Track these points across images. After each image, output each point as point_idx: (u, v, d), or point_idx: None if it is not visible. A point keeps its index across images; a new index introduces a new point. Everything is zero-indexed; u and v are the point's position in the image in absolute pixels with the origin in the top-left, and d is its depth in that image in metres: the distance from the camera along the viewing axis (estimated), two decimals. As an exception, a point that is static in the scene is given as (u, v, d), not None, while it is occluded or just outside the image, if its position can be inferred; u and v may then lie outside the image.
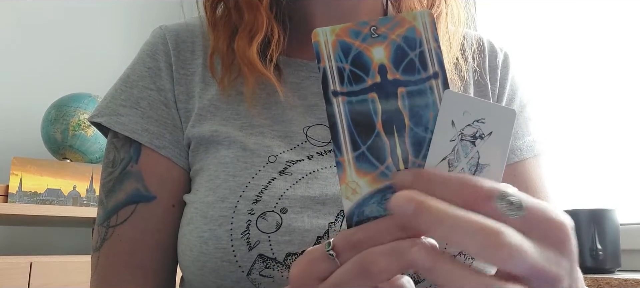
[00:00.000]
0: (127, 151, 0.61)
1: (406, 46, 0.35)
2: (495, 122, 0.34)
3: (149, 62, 0.63)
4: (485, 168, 0.35)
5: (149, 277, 0.60)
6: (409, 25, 0.35)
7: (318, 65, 0.36)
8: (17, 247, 1.99)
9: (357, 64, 0.35)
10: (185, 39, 0.65)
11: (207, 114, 0.60)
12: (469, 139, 0.35)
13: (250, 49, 0.58)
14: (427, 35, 0.35)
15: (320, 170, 0.56)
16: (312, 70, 0.63)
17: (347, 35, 0.36)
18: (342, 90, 0.35)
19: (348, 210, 0.36)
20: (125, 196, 0.60)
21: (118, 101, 0.62)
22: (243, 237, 0.52)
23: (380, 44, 0.35)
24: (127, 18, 2.38)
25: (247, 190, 0.54)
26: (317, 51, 0.36)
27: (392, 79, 0.35)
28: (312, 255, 0.36)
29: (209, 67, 0.62)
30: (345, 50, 0.36)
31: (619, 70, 1.54)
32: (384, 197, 0.35)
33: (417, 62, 0.35)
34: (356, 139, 0.35)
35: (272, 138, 0.58)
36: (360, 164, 0.35)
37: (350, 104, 0.35)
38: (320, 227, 0.53)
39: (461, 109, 0.34)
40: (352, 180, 0.35)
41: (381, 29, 0.36)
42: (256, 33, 0.59)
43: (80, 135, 1.85)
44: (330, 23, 0.64)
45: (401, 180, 0.34)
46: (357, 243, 0.34)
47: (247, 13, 0.60)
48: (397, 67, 0.35)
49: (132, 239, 0.59)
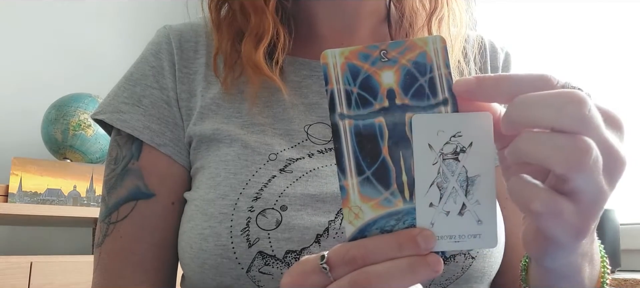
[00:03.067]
0: (128, 148, 0.61)
1: (416, 71, 0.35)
2: (472, 131, 0.34)
3: (152, 61, 0.64)
4: (477, 179, 0.35)
5: (149, 273, 0.60)
6: (420, 50, 0.35)
7: (325, 88, 0.35)
8: (17, 247, 1.99)
9: (365, 88, 0.35)
10: (189, 38, 0.65)
11: (209, 113, 0.61)
12: (451, 157, 0.34)
13: (257, 53, 0.59)
14: (438, 61, 0.35)
15: (320, 168, 0.56)
16: (313, 69, 0.64)
17: (357, 58, 0.35)
18: (349, 114, 0.35)
19: (350, 235, 0.35)
20: (125, 193, 0.60)
21: (121, 99, 0.63)
22: (243, 234, 0.52)
23: (390, 68, 0.35)
24: (128, 18, 2.39)
25: (247, 188, 0.54)
26: (325, 73, 0.35)
27: (400, 104, 0.35)
28: (304, 267, 0.36)
29: (212, 67, 0.62)
30: (354, 73, 0.35)
31: (619, 70, 1.54)
32: (387, 223, 0.35)
33: (426, 87, 0.35)
34: (361, 164, 0.35)
35: (273, 136, 0.58)
36: (364, 189, 0.35)
37: (356, 127, 0.35)
38: (320, 224, 0.53)
39: (434, 130, 0.34)
40: (355, 205, 0.35)
41: (391, 53, 0.35)
42: (262, 37, 0.59)
43: (80, 135, 1.85)
44: (334, 23, 0.65)
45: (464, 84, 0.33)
46: (351, 260, 0.34)
47: (254, 17, 0.60)
48: (406, 92, 0.35)
49: (132, 236, 0.60)
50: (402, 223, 0.35)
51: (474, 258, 0.54)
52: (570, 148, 0.29)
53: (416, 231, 0.35)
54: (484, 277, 0.56)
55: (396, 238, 0.34)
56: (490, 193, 0.35)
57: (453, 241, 0.35)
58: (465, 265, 0.54)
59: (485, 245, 0.36)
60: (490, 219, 0.35)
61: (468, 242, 0.35)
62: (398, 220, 0.35)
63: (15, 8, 2.15)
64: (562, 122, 0.30)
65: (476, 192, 0.35)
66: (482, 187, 0.35)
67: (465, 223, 0.35)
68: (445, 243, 0.35)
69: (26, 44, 2.16)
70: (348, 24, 0.65)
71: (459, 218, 0.35)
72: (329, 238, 0.53)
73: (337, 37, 0.64)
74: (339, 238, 0.53)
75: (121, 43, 2.33)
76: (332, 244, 0.52)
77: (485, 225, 0.35)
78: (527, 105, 0.31)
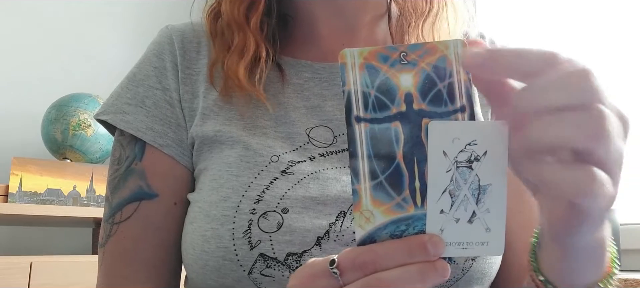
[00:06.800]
0: (132, 149, 0.61)
1: (435, 76, 0.34)
2: (487, 140, 0.34)
3: (155, 62, 0.64)
4: (488, 188, 0.34)
5: (152, 274, 0.60)
6: (441, 54, 0.34)
7: (343, 88, 0.35)
8: (17, 247, 1.99)
9: (383, 91, 0.34)
10: (191, 39, 0.65)
11: (211, 114, 0.61)
12: (465, 165, 0.34)
13: (239, 69, 0.59)
14: (458, 66, 0.34)
15: (321, 171, 0.56)
16: (315, 72, 0.64)
17: (376, 59, 0.35)
18: (365, 116, 0.35)
19: (359, 239, 0.35)
20: (128, 193, 0.60)
21: (124, 99, 0.63)
22: (244, 237, 0.52)
23: (409, 71, 0.35)
24: (128, 18, 2.38)
25: (249, 190, 0.54)
26: (342, 73, 0.35)
27: (417, 109, 0.34)
28: (314, 270, 0.36)
29: (209, 77, 0.62)
30: (373, 74, 0.35)
31: (619, 69, 1.54)
32: (397, 228, 0.35)
33: (444, 93, 0.34)
34: (375, 168, 0.34)
35: (275, 139, 0.58)
36: (376, 194, 0.35)
37: (372, 131, 0.34)
38: (321, 227, 0.53)
39: (450, 137, 0.34)
40: (367, 209, 0.35)
41: (411, 55, 0.35)
42: (245, 54, 0.60)
43: (80, 135, 1.85)
44: (334, 22, 0.65)
45: None
46: (362, 265, 0.34)
47: (237, 35, 0.61)
48: (424, 97, 0.34)
49: (135, 236, 0.60)
50: (412, 229, 0.35)
51: (474, 260, 0.54)
52: (588, 120, 0.30)
53: (426, 237, 0.35)
54: (484, 278, 0.56)
55: (406, 244, 0.34)
56: (500, 202, 0.35)
57: (461, 248, 0.35)
58: (465, 266, 0.54)
59: (492, 252, 0.36)
60: (499, 227, 0.35)
61: (476, 249, 0.36)
62: (408, 226, 0.35)
63: (15, 8, 2.14)
64: (577, 98, 0.30)
65: (487, 200, 0.35)
66: (493, 196, 0.34)
67: (474, 230, 0.35)
68: (453, 250, 0.35)
69: (26, 44, 2.15)
70: (348, 23, 0.64)
71: (468, 226, 0.35)
72: (330, 241, 0.53)
73: (337, 37, 0.64)
74: (339, 240, 0.53)
75: (121, 43, 2.33)
76: (332, 246, 0.53)
77: (493, 233, 0.35)
78: (543, 88, 0.31)
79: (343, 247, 0.53)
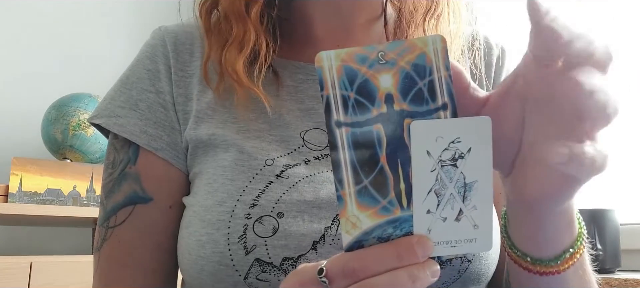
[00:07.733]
0: (126, 152, 0.61)
1: (415, 74, 0.34)
2: (471, 137, 0.33)
3: (148, 64, 0.63)
4: (474, 185, 0.34)
5: (148, 277, 0.60)
6: (420, 51, 0.34)
7: (321, 93, 0.34)
8: (17, 247, 1.99)
9: (363, 93, 0.34)
10: (184, 40, 0.65)
11: (205, 117, 0.60)
12: (450, 163, 0.34)
13: (237, 63, 0.58)
14: (438, 62, 0.34)
15: (316, 174, 0.56)
16: (309, 73, 0.63)
17: (353, 60, 0.34)
18: (346, 121, 0.34)
19: (347, 245, 0.35)
20: (123, 197, 0.60)
21: (117, 102, 0.62)
22: (240, 241, 0.52)
23: (388, 71, 0.34)
24: (127, 18, 2.38)
25: (244, 194, 0.54)
26: (320, 77, 0.34)
27: (398, 109, 0.34)
28: (302, 277, 0.35)
29: (203, 76, 0.61)
30: (351, 77, 0.34)
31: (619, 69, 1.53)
32: (384, 231, 0.34)
33: (425, 91, 0.34)
34: (359, 172, 0.34)
35: (269, 142, 0.58)
36: (361, 198, 0.34)
37: (353, 135, 0.34)
38: (317, 231, 0.53)
39: (433, 136, 0.33)
40: (353, 215, 0.34)
41: (389, 54, 0.34)
42: (244, 46, 0.58)
43: (80, 135, 1.85)
44: (330, 23, 0.65)
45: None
46: (351, 272, 0.34)
47: (235, 26, 0.59)
48: (405, 97, 0.34)
49: (131, 240, 0.60)
50: (400, 231, 0.35)
51: (470, 261, 0.54)
52: None
53: (414, 239, 0.34)
54: (480, 279, 0.56)
55: (395, 248, 0.34)
56: (487, 198, 0.35)
57: (449, 246, 0.35)
58: (461, 268, 0.54)
59: (480, 248, 0.36)
60: (486, 223, 0.35)
61: (464, 246, 0.35)
62: (395, 228, 0.35)
63: (15, 8, 2.14)
64: (592, 58, 0.34)
65: (473, 197, 0.34)
66: (479, 193, 0.34)
67: (461, 228, 0.35)
68: (442, 249, 0.35)
69: (26, 44, 2.15)
70: (344, 24, 0.64)
71: (455, 224, 0.35)
72: (325, 245, 0.53)
73: (333, 38, 0.64)
74: (335, 244, 0.53)
75: (121, 43, 2.33)
76: (328, 251, 0.52)
77: (481, 229, 0.35)
78: (588, 40, 0.34)
79: (339, 251, 0.53)
